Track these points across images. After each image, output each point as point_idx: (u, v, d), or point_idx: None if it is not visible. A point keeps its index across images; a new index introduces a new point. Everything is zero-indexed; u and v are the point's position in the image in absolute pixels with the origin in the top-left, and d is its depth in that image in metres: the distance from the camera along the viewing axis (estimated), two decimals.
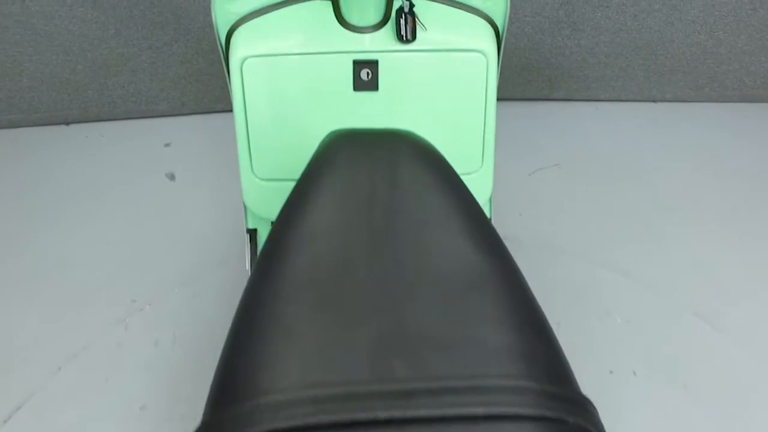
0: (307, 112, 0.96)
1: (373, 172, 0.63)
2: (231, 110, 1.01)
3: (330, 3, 0.94)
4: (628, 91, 1.81)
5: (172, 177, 1.58)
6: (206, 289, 1.36)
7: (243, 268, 1.36)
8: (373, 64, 0.94)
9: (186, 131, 1.72)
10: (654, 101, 1.83)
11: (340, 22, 0.93)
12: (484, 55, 0.94)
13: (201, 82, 1.72)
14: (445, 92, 0.97)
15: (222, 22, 0.95)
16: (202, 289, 1.36)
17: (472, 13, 0.96)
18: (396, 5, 0.93)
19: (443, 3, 0.96)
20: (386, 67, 0.94)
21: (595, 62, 1.74)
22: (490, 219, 1.12)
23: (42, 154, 1.69)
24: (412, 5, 0.93)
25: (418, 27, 0.93)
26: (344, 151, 0.67)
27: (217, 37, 0.97)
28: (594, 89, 1.80)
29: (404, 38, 0.92)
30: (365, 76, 0.94)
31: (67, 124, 1.76)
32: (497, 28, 0.97)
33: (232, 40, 0.95)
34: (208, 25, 1.61)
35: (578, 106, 1.82)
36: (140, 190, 1.56)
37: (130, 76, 1.69)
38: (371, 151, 0.68)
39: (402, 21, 0.92)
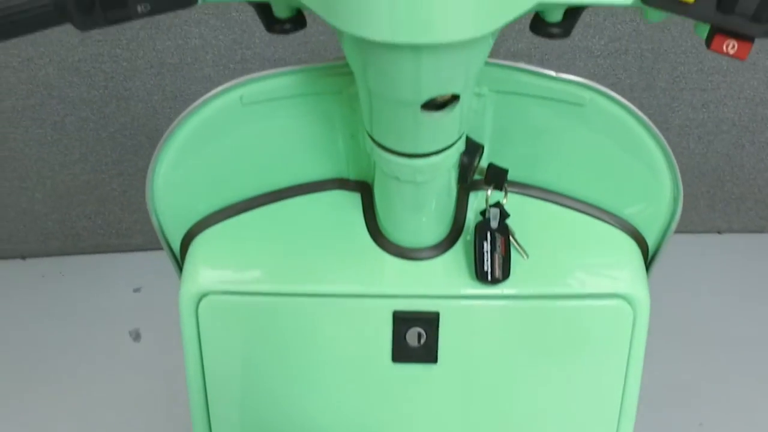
0: (307, 395, 0.60)
1: None
2: None
3: (358, 197, 0.58)
4: (689, 222, 1.53)
5: (137, 336, 1.28)
6: None
7: None
8: (429, 321, 0.56)
9: (161, 270, 1.42)
10: (719, 232, 1.56)
11: (373, 238, 0.57)
12: (629, 302, 0.57)
13: None
14: (557, 368, 0.59)
15: (171, 219, 0.60)
16: None
17: (605, 221, 0.59)
18: (473, 211, 0.57)
19: (555, 202, 0.59)
20: (453, 325, 0.57)
21: None
22: None
23: None
24: (504, 214, 0.56)
25: (513, 251, 0.56)
26: None
27: (163, 243, 0.62)
28: None
29: (490, 277, 0.55)
30: (415, 339, 0.57)
31: (24, 258, 1.49)
32: (647, 245, 0.61)
33: (188, 255, 0.60)
34: None
35: None
36: (96, 354, 1.28)
37: (97, 206, 1.43)
38: None
39: (485, 245, 0.55)
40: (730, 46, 0.40)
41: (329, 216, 0.59)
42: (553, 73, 0.52)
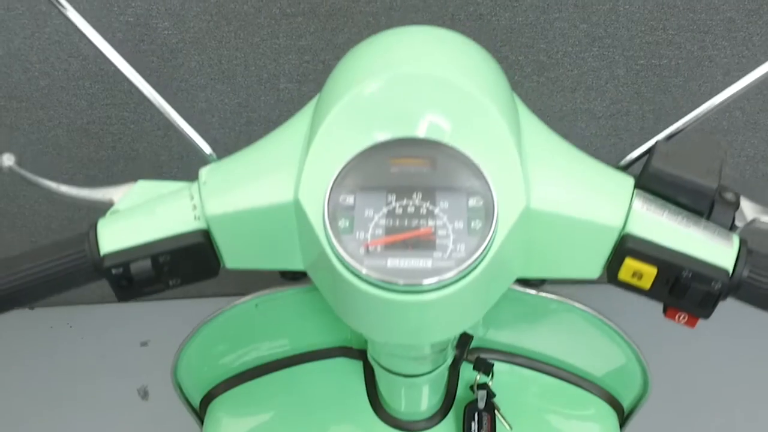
0: None
1: None
2: (225, 295, 0.74)
3: (360, 365, 0.64)
4: None
5: (144, 394, 1.30)
6: None
7: None
8: None
9: (169, 322, 1.45)
10: None
11: (373, 407, 0.63)
12: None
13: None
14: None
15: (192, 388, 0.67)
16: None
17: (583, 387, 0.65)
18: (463, 380, 0.63)
19: (538, 369, 0.65)
20: None
21: None
22: None
23: None
24: (490, 394, 0.61)
25: (499, 424, 0.62)
26: None
27: (183, 403, 0.68)
28: None
29: None
30: None
31: (32, 308, 1.51)
32: (622, 408, 0.67)
33: (208, 420, 0.67)
34: None
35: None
36: (103, 413, 1.28)
37: None
38: None
39: (473, 425, 0.61)
40: (682, 317, 0.46)
41: (334, 384, 0.65)
42: (533, 292, 0.59)
